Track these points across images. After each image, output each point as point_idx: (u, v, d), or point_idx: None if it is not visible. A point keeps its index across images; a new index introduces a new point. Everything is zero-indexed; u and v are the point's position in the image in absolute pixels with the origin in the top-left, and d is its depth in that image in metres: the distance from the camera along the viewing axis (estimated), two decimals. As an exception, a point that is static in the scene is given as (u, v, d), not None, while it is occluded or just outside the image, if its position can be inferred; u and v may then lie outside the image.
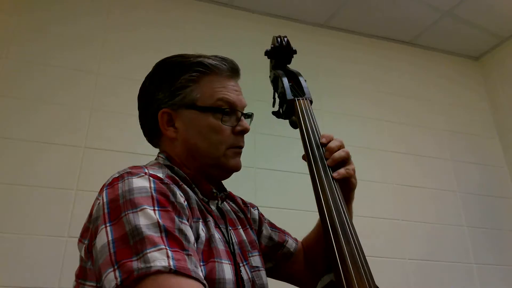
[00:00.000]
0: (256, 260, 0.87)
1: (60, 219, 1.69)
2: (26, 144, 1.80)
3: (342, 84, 2.49)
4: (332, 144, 0.83)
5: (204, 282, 0.61)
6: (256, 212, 1.03)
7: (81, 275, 0.70)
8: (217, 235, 0.77)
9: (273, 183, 2.07)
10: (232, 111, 0.85)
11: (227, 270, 0.73)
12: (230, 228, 0.86)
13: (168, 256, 0.58)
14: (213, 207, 0.86)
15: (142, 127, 0.93)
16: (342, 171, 0.82)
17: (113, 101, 1.99)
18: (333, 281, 0.64)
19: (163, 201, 0.66)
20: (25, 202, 1.70)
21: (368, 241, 2.12)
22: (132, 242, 0.60)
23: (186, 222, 0.67)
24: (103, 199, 0.68)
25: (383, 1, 2.41)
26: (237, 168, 0.87)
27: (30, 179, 1.74)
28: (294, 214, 1.99)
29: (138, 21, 2.22)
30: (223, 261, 0.74)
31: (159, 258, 0.57)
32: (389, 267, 2.10)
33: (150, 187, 0.67)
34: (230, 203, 0.98)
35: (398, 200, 2.29)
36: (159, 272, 0.56)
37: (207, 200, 0.84)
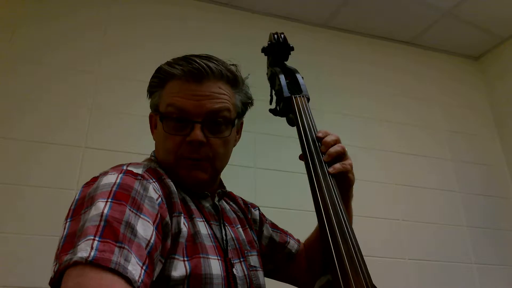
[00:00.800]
0: (254, 259, 0.86)
1: (60, 219, 1.68)
2: (26, 144, 1.79)
3: (342, 84, 2.49)
4: (328, 139, 0.83)
5: (131, 275, 0.56)
6: (257, 212, 1.03)
7: None
8: (205, 231, 0.77)
9: (273, 183, 2.07)
10: (183, 119, 0.78)
11: (214, 266, 0.72)
12: (227, 225, 0.85)
13: (92, 247, 0.56)
14: (207, 204, 0.85)
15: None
16: (337, 165, 0.81)
17: (113, 100, 1.99)
18: (330, 280, 0.63)
19: (121, 195, 0.64)
20: (25, 202, 1.70)
21: (368, 241, 2.13)
22: (77, 236, 0.59)
23: (146, 218, 0.64)
24: (75, 197, 0.69)
25: (383, 1, 2.41)
26: (191, 180, 0.80)
27: (30, 179, 1.74)
28: (294, 214, 1.99)
29: (138, 21, 2.23)
30: (209, 256, 0.73)
31: (83, 249, 0.56)
32: (389, 267, 2.10)
33: (115, 182, 0.67)
34: (231, 203, 0.97)
35: (398, 200, 2.29)
36: (76, 263, 0.55)
37: (197, 196, 0.84)
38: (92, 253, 0.55)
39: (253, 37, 2.34)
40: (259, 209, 1.05)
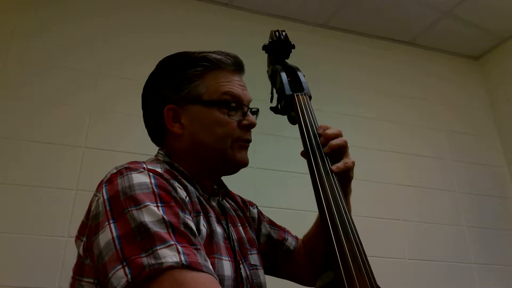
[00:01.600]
0: (254, 258, 0.86)
1: (60, 219, 1.69)
2: (26, 144, 1.80)
3: (342, 85, 2.49)
4: (329, 132, 0.83)
5: (215, 275, 0.61)
6: (255, 210, 1.03)
7: (78, 271, 0.70)
8: (218, 231, 0.77)
9: (273, 183, 2.07)
10: (238, 105, 0.84)
11: (226, 267, 0.73)
12: (230, 225, 0.86)
13: (178, 252, 0.58)
14: (214, 203, 0.85)
15: (146, 126, 0.90)
16: (340, 165, 0.81)
17: (113, 101, 1.99)
18: (334, 279, 0.63)
19: (165, 196, 0.66)
20: (25, 202, 1.70)
21: (368, 241, 2.12)
22: (140, 239, 0.59)
23: (189, 217, 0.67)
24: (103, 196, 0.67)
25: (383, 1, 2.41)
26: (243, 162, 0.85)
27: (30, 179, 1.74)
28: (294, 214, 1.99)
29: (138, 21, 2.23)
30: (223, 257, 0.73)
31: (170, 254, 0.57)
32: (389, 267, 2.10)
33: (151, 182, 0.67)
34: (230, 201, 0.97)
35: (398, 200, 2.28)
36: (171, 268, 0.56)
37: (208, 196, 0.84)
38: (182, 258, 0.57)
39: (253, 37, 2.34)
40: (257, 207, 1.05)
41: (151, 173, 0.69)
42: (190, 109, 0.83)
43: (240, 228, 0.90)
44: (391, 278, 2.07)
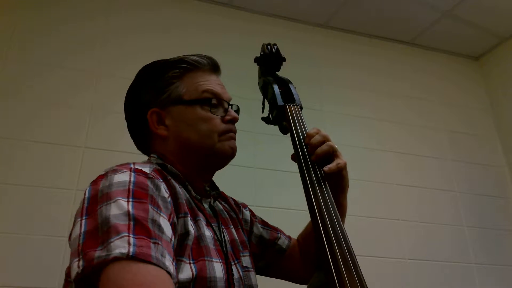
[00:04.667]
0: (246, 260, 0.87)
1: (60, 219, 1.69)
2: (26, 144, 1.80)
3: (342, 85, 2.49)
4: (314, 141, 0.84)
5: (170, 270, 0.58)
6: (247, 212, 1.04)
7: (69, 273, 0.71)
8: (208, 234, 0.77)
9: (273, 183, 2.07)
10: (218, 102, 0.87)
11: (217, 269, 0.73)
12: (223, 226, 0.86)
13: (129, 243, 0.57)
14: (206, 206, 0.86)
15: (132, 135, 0.93)
16: (333, 166, 0.82)
17: (113, 101, 1.99)
18: (325, 282, 0.64)
19: (140, 193, 0.65)
20: (25, 202, 1.70)
21: (368, 241, 2.14)
22: (101, 233, 0.59)
23: (165, 216, 0.66)
24: (85, 195, 0.68)
25: (383, 1, 2.41)
26: (232, 151, 0.88)
27: (30, 179, 1.74)
28: (294, 214, 1.99)
29: (138, 21, 2.23)
30: (213, 259, 0.74)
31: (120, 245, 0.56)
32: (389, 267, 2.10)
33: (130, 181, 0.67)
34: (223, 203, 0.98)
35: (398, 200, 2.29)
36: (117, 259, 0.55)
37: (199, 198, 0.84)
38: (131, 249, 0.56)
39: (253, 37, 2.35)
40: (249, 209, 1.06)
41: (133, 173, 0.69)
42: (172, 110, 0.85)
43: (233, 230, 0.90)
44: (391, 278, 2.07)
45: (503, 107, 2.70)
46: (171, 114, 0.85)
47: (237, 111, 0.93)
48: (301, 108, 0.96)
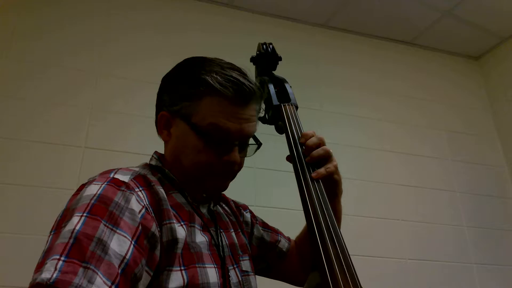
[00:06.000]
0: (246, 264, 0.86)
1: (60, 219, 1.69)
2: (26, 144, 1.80)
3: (342, 85, 2.49)
4: (310, 142, 0.84)
5: None
6: (248, 214, 1.03)
7: None
8: (202, 239, 0.76)
9: (273, 183, 2.07)
10: (222, 140, 0.78)
11: (211, 274, 0.72)
12: (222, 230, 0.85)
13: (55, 268, 0.55)
14: (204, 210, 0.85)
15: (155, 119, 0.89)
16: (321, 170, 0.82)
17: (113, 101, 1.99)
18: (320, 283, 0.65)
19: (98, 208, 0.63)
20: (25, 202, 1.70)
21: (368, 241, 2.14)
22: (47, 253, 0.59)
23: (123, 233, 0.63)
24: (64, 206, 0.68)
25: (383, 1, 2.41)
26: (217, 190, 0.84)
27: (30, 179, 1.74)
28: (294, 214, 1.99)
29: (138, 22, 2.23)
30: (206, 265, 0.73)
31: (47, 269, 0.55)
32: (389, 267, 2.10)
33: (95, 194, 0.65)
34: (224, 205, 0.97)
35: (398, 200, 2.29)
36: (39, 285, 0.54)
37: (196, 204, 0.83)
38: (54, 275, 0.54)
39: (253, 37, 2.34)
40: (250, 210, 1.05)
41: (105, 184, 0.68)
42: (179, 124, 0.81)
43: (233, 233, 0.89)
44: (391, 278, 2.07)
45: (503, 107, 2.70)
46: (177, 126, 0.82)
47: (257, 147, 0.86)
48: (297, 107, 0.95)
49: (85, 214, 0.62)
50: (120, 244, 0.61)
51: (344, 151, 2.20)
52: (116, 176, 0.71)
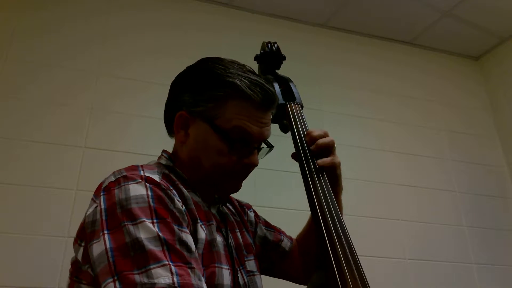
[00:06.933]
0: (251, 264, 0.87)
1: (60, 219, 1.69)
2: (26, 144, 1.80)
3: (342, 85, 2.49)
4: (315, 133, 0.85)
5: None
6: (252, 214, 1.04)
7: (76, 273, 0.70)
8: (219, 239, 0.77)
9: (273, 183, 2.07)
10: (244, 143, 0.80)
11: (226, 276, 0.73)
12: (229, 231, 0.86)
13: (172, 273, 0.58)
14: (214, 211, 0.86)
15: (164, 118, 0.89)
16: (327, 160, 0.83)
17: (113, 101, 1.99)
18: (326, 282, 0.64)
19: (161, 211, 0.65)
20: (25, 202, 1.70)
21: (369, 241, 2.13)
22: (133, 254, 0.59)
23: (187, 230, 0.67)
24: (100, 205, 0.67)
25: (383, 1, 2.41)
26: (231, 193, 0.88)
27: (30, 179, 1.74)
28: (294, 214, 1.99)
29: (138, 22, 2.22)
30: (223, 266, 0.74)
31: (163, 274, 0.57)
32: (389, 267, 2.10)
33: (147, 195, 0.66)
34: (228, 205, 0.97)
35: (398, 200, 2.28)
36: None
37: (208, 204, 0.84)
38: (175, 279, 0.57)
39: (253, 37, 2.34)
40: (253, 210, 1.06)
41: (148, 184, 0.68)
42: (200, 125, 0.81)
43: (238, 234, 0.90)
44: (391, 278, 2.07)
45: (503, 107, 2.70)
46: (196, 127, 0.81)
47: (269, 149, 0.89)
48: (302, 106, 0.95)
49: (155, 220, 0.64)
50: (190, 241, 0.66)
51: (344, 151, 2.18)
52: (148, 175, 0.71)
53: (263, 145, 0.87)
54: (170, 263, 0.59)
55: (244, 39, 2.33)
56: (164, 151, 0.88)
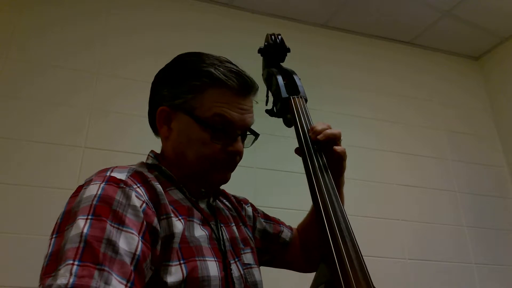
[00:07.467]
0: (248, 257, 0.87)
1: (60, 219, 1.69)
2: (26, 144, 1.80)
3: (342, 85, 2.49)
4: (319, 127, 0.85)
5: None
6: (249, 208, 1.04)
7: None
8: (202, 233, 0.77)
9: (273, 183, 2.07)
10: (227, 130, 0.80)
11: (212, 268, 0.72)
12: (222, 224, 0.86)
13: (71, 273, 0.55)
14: (203, 205, 0.85)
15: (148, 118, 0.90)
16: (342, 147, 0.83)
17: (113, 101, 1.99)
18: (331, 280, 0.63)
19: (101, 209, 0.63)
20: (25, 202, 1.70)
21: (369, 241, 2.13)
22: (57, 257, 0.59)
23: (130, 230, 0.63)
24: (64, 207, 0.68)
25: (383, 1, 2.41)
26: (220, 183, 0.85)
27: (30, 179, 1.74)
28: (294, 214, 1.98)
29: (138, 22, 2.23)
30: (206, 258, 0.73)
31: (62, 275, 0.56)
32: (389, 267, 2.10)
33: (96, 194, 0.65)
34: (224, 201, 0.97)
35: (398, 200, 2.28)
36: None
37: (195, 199, 0.84)
38: (71, 280, 0.55)
39: (253, 37, 2.34)
40: (251, 204, 1.06)
41: (103, 184, 0.68)
42: (181, 117, 0.81)
43: (234, 227, 0.90)
44: (391, 278, 2.07)
45: (503, 107, 2.70)
46: (178, 120, 0.82)
47: (255, 138, 0.88)
48: (306, 100, 0.93)
49: (89, 217, 0.62)
50: (129, 242, 0.62)
51: (344, 151, 2.19)
52: (113, 174, 0.71)
53: (248, 133, 0.87)
54: (75, 263, 0.57)
55: (244, 39, 2.32)
56: (151, 151, 0.88)
